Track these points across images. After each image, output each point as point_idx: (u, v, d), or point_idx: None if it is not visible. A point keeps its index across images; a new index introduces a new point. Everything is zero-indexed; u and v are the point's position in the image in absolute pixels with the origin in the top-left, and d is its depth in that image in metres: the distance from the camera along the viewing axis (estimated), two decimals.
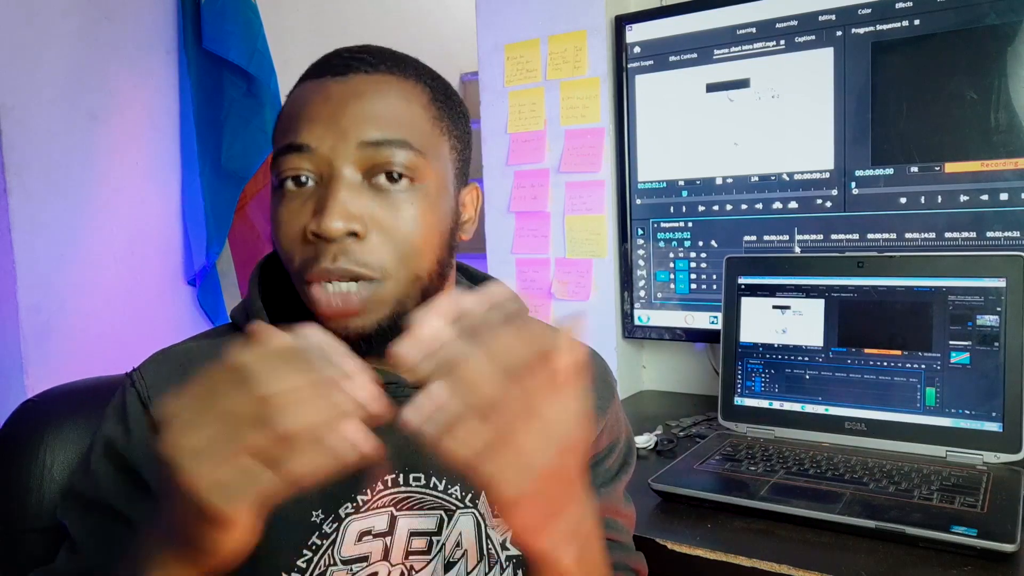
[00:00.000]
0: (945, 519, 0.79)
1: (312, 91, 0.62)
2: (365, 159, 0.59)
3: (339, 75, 0.62)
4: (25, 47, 1.58)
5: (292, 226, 0.60)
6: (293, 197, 0.61)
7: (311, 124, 0.60)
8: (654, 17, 1.38)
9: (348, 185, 0.59)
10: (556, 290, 1.50)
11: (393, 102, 0.62)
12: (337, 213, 0.57)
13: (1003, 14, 1.09)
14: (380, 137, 0.59)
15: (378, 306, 0.60)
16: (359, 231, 0.58)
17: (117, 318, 1.75)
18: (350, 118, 0.59)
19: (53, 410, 0.80)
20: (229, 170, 1.88)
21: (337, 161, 0.59)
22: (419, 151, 0.61)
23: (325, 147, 0.59)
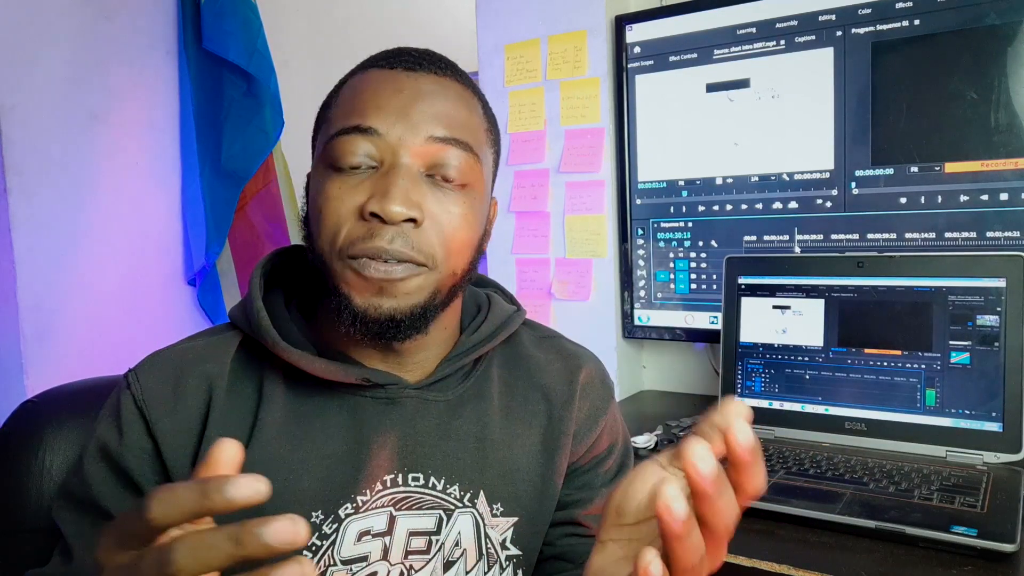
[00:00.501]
0: (945, 519, 0.79)
1: (382, 79, 0.63)
2: (428, 154, 0.61)
3: (410, 70, 0.63)
4: (25, 47, 1.58)
5: (345, 203, 0.60)
6: (347, 176, 0.61)
7: (381, 110, 0.61)
8: (654, 17, 1.38)
9: (411, 175, 0.60)
10: (556, 290, 1.50)
11: (459, 105, 0.64)
12: (402, 198, 0.58)
13: (1003, 14, 1.09)
14: (447, 135, 0.61)
15: (416, 291, 0.61)
16: (418, 218, 0.59)
17: (117, 318, 1.75)
18: (421, 111, 0.61)
19: (53, 411, 0.80)
20: (229, 170, 1.88)
21: (403, 150, 0.60)
22: (475, 155, 0.63)
23: (394, 135, 0.60)
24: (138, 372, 0.65)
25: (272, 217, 2.01)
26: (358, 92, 0.63)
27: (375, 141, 0.60)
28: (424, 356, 0.67)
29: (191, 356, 0.65)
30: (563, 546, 0.72)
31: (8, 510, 0.77)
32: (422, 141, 0.60)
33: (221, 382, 0.64)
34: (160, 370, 0.65)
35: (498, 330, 0.71)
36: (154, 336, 0.66)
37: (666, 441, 1.15)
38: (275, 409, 0.63)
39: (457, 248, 0.63)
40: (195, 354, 0.66)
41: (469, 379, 0.70)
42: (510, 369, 0.73)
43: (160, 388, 0.63)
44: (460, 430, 0.67)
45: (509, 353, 0.74)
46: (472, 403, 0.69)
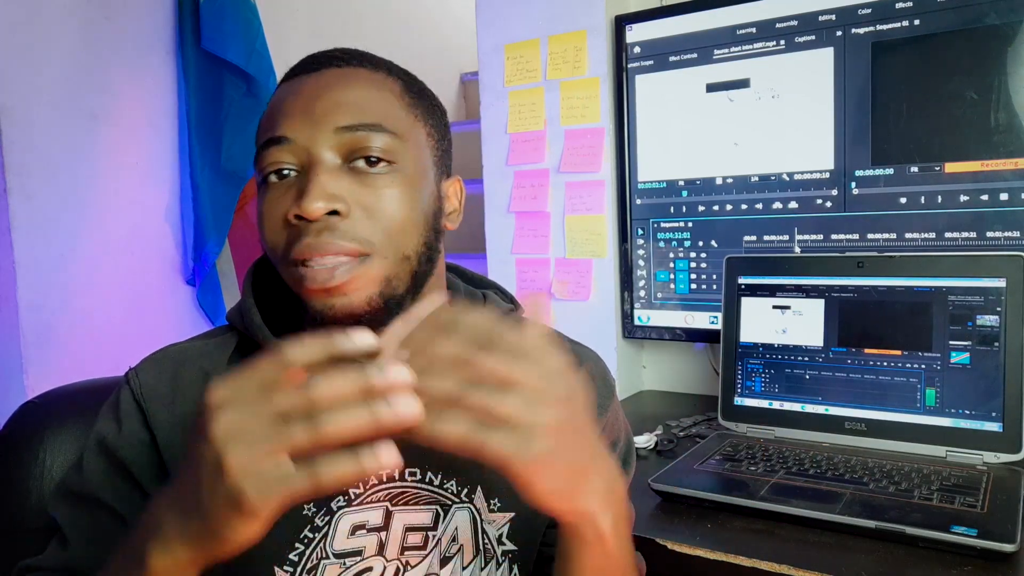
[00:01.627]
0: (945, 519, 0.79)
1: (287, 89, 0.65)
2: (342, 144, 0.61)
3: (312, 71, 0.65)
4: (25, 47, 1.58)
5: (275, 213, 0.61)
6: (275, 188, 0.62)
7: (288, 117, 0.62)
8: (654, 17, 1.38)
9: (327, 169, 0.60)
10: (556, 290, 1.50)
11: (365, 90, 0.64)
12: (317, 194, 0.58)
13: (1003, 14, 1.09)
14: (354, 122, 0.61)
15: (366, 283, 0.60)
16: (341, 209, 0.59)
17: (117, 318, 1.75)
18: (324, 107, 0.61)
19: (53, 411, 0.81)
20: (229, 170, 1.88)
21: (315, 148, 0.60)
22: (394, 133, 0.63)
23: (303, 137, 0.61)
24: (138, 369, 0.67)
25: None
26: (270, 108, 0.65)
27: (289, 148, 0.61)
28: None
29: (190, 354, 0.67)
30: None
31: (9, 510, 0.77)
32: (331, 134, 0.61)
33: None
34: (159, 366, 0.66)
35: None
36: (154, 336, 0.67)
37: (666, 441, 1.16)
38: None
39: (398, 229, 0.62)
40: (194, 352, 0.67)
41: None
42: None
43: (158, 383, 0.65)
44: None
45: None
46: None
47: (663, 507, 0.93)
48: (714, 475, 0.97)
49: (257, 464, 0.41)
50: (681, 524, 0.88)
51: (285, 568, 0.62)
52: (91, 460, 0.64)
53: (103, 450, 0.64)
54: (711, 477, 0.96)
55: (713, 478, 0.96)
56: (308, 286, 0.60)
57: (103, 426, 0.65)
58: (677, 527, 0.87)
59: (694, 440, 1.15)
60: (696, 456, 1.03)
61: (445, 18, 2.75)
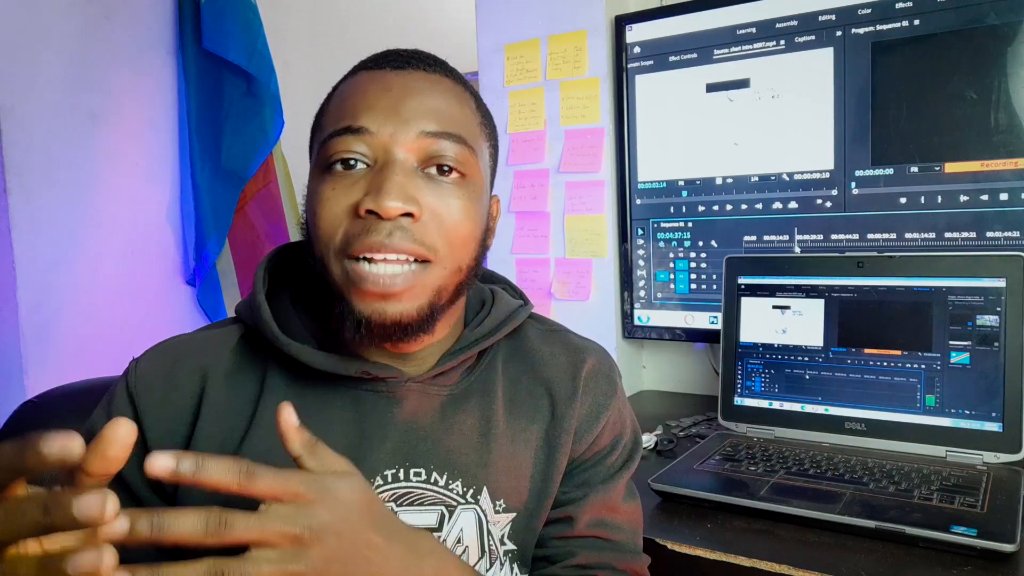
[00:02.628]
0: (945, 519, 0.79)
1: (371, 80, 0.63)
2: (422, 148, 0.61)
3: (399, 68, 0.64)
4: (25, 47, 1.58)
5: (340, 203, 0.60)
6: (342, 177, 0.61)
7: (371, 110, 0.61)
8: (654, 17, 1.38)
9: (405, 170, 0.60)
10: (556, 290, 1.50)
11: (450, 99, 0.64)
12: (397, 192, 0.58)
13: (1003, 14, 1.09)
14: (438, 129, 0.61)
15: (421, 292, 0.60)
16: (415, 212, 0.59)
17: (117, 318, 1.75)
18: (411, 108, 0.61)
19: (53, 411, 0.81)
20: (229, 170, 1.88)
21: (395, 147, 0.60)
22: (470, 147, 0.63)
23: (385, 132, 0.60)
24: (139, 360, 0.67)
25: (272, 217, 2.01)
26: (348, 95, 0.63)
27: (367, 140, 0.60)
28: (428, 351, 0.67)
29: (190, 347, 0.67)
30: (552, 547, 0.71)
31: None
32: (414, 136, 0.60)
33: (217, 374, 0.65)
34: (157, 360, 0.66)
35: (502, 324, 0.71)
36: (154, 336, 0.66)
37: (666, 441, 1.16)
38: (276, 402, 0.63)
39: (460, 241, 0.62)
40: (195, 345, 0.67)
41: (473, 373, 0.70)
42: (515, 363, 0.73)
43: (154, 376, 0.65)
44: (463, 425, 0.67)
45: (515, 347, 0.74)
46: (476, 398, 0.69)
47: (663, 507, 0.93)
48: (714, 475, 0.97)
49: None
50: (681, 524, 0.88)
51: None
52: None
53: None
54: (711, 477, 0.96)
55: (713, 478, 0.96)
56: (365, 287, 0.59)
57: (95, 417, 0.65)
58: (677, 527, 0.87)
59: (694, 440, 1.15)
60: (696, 456, 1.03)
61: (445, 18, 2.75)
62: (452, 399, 0.68)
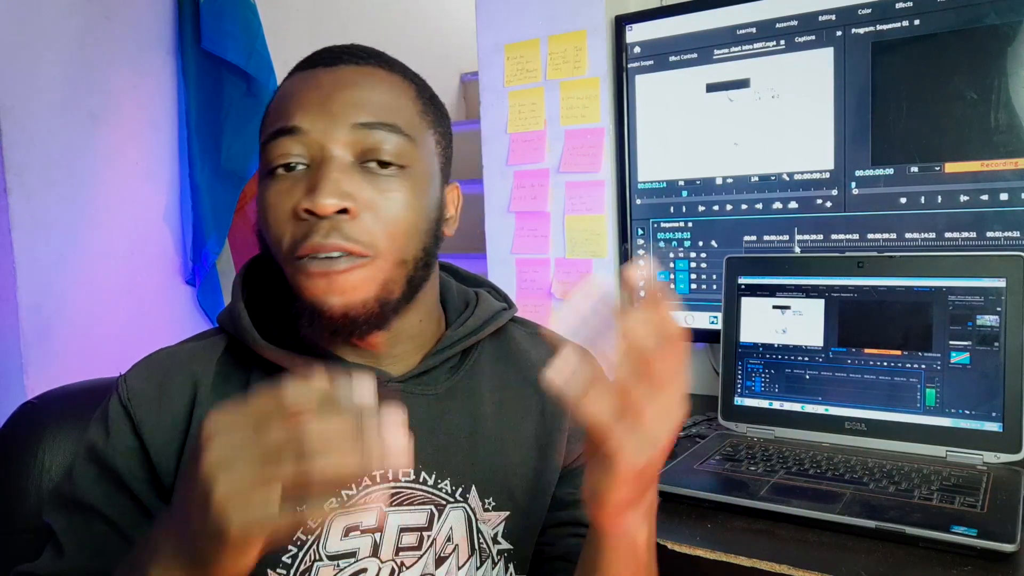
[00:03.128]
0: (945, 519, 0.79)
1: (302, 80, 0.64)
2: (357, 142, 0.61)
3: (329, 66, 0.64)
4: (25, 47, 1.57)
5: (282, 206, 0.61)
6: (283, 180, 0.61)
7: (302, 109, 0.61)
8: (654, 17, 1.38)
9: (340, 166, 0.60)
10: (556, 290, 1.50)
11: (383, 91, 0.63)
12: (330, 190, 0.58)
13: (1003, 14, 1.09)
14: (372, 120, 0.61)
15: (363, 285, 0.60)
16: (351, 208, 0.59)
17: (117, 318, 1.75)
18: (342, 102, 0.61)
19: (52, 412, 0.81)
20: (229, 170, 1.88)
21: (329, 143, 0.60)
22: (408, 136, 0.63)
23: (317, 130, 0.60)
24: (127, 376, 0.67)
25: None
26: (280, 97, 0.64)
27: (301, 139, 0.60)
28: (402, 349, 0.67)
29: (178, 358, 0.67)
30: (566, 546, 0.71)
31: (8, 510, 0.77)
32: (347, 130, 0.60)
33: (207, 382, 0.65)
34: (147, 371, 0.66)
35: (484, 324, 0.71)
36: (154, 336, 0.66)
37: None
38: None
39: (402, 234, 0.62)
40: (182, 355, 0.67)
41: (458, 373, 0.70)
42: (502, 364, 0.73)
43: (146, 388, 0.65)
44: (450, 424, 0.67)
45: (501, 348, 0.74)
46: (462, 398, 0.69)
47: (663, 507, 0.93)
48: (714, 475, 0.97)
49: (243, 496, 0.41)
50: (681, 524, 0.88)
51: (278, 571, 0.62)
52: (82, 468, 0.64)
53: (94, 458, 0.64)
54: (711, 477, 0.96)
55: (713, 478, 0.96)
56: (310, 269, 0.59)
57: (93, 434, 0.65)
58: (677, 527, 0.87)
59: (694, 440, 1.15)
60: (696, 456, 1.03)
61: (445, 18, 2.75)
62: (437, 399, 0.68)
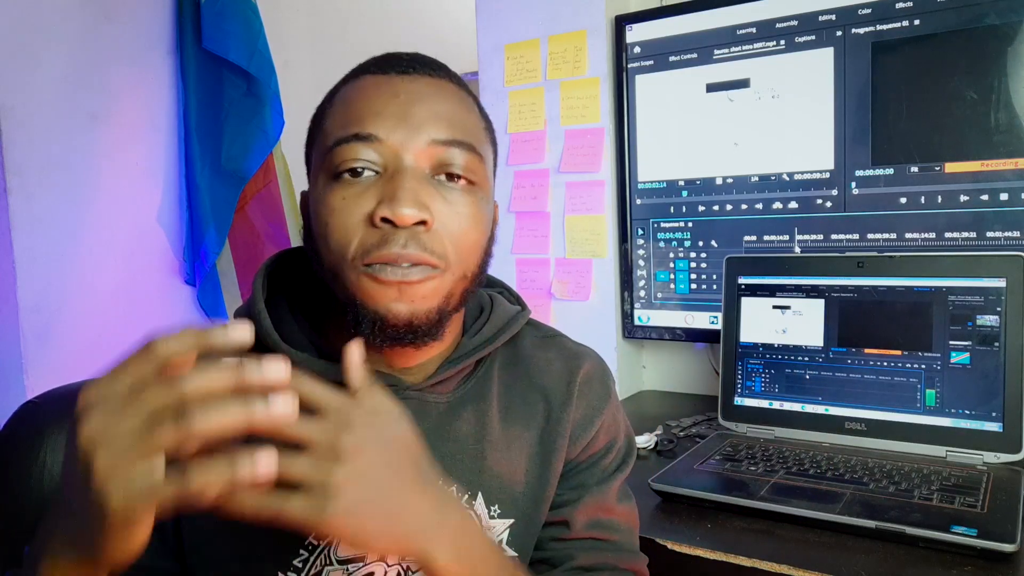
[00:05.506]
0: (945, 519, 0.79)
1: (376, 85, 0.62)
2: (432, 156, 0.60)
3: (404, 73, 0.63)
4: (25, 47, 1.57)
5: (353, 212, 0.59)
6: (351, 185, 0.60)
7: (379, 116, 0.60)
8: (654, 17, 1.38)
9: (418, 178, 0.60)
10: (556, 290, 1.50)
11: (457, 106, 0.63)
12: (411, 200, 0.58)
13: (1003, 14, 1.09)
14: (449, 137, 0.61)
15: (432, 296, 0.60)
16: (428, 220, 0.59)
17: (117, 318, 1.75)
18: (420, 115, 0.60)
19: (53, 411, 0.80)
20: (229, 170, 1.87)
21: (407, 154, 0.60)
22: (479, 154, 0.63)
23: (395, 139, 0.60)
24: None
25: (272, 217, 2.00)
26: (353, 100, 0.62)
27: (377, 147, 0.59)
28: (428, 359, 0.67)
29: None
30: (551, 550, 0.71)
31: (9, 510, 0.77)
32: (424, 144, 0.60)
33: None
34: None
35: (500, 332, 0.71)
36: None
37: (666, 441, 1.16)
38: None
39: (468, 248, 0.62)
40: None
41: (470, 380, 0.70)
42: (511, 369, 0.73)
43: None
44: (459, 431, 0.67)
45: (511, 354, 0.74)
46: (472, 404, 0.69)
47: (663, 507, 0.93)
48: (714, 475, 0.97)
49: (123, 469, 0.40)
50: (681, 524, 0.88)
51: (289, 574, 0.62)
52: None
53: None
54: (711, 477, 0.96)
55: (713, 478, 0.96)
56: (383, 278, 0.58)
57: None
58: (677, 527, 0.87)
59: (694, 440, 1.15)
60: (696, 456, 1.03)
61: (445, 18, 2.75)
62: (449, 406, 0.68)
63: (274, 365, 0.42)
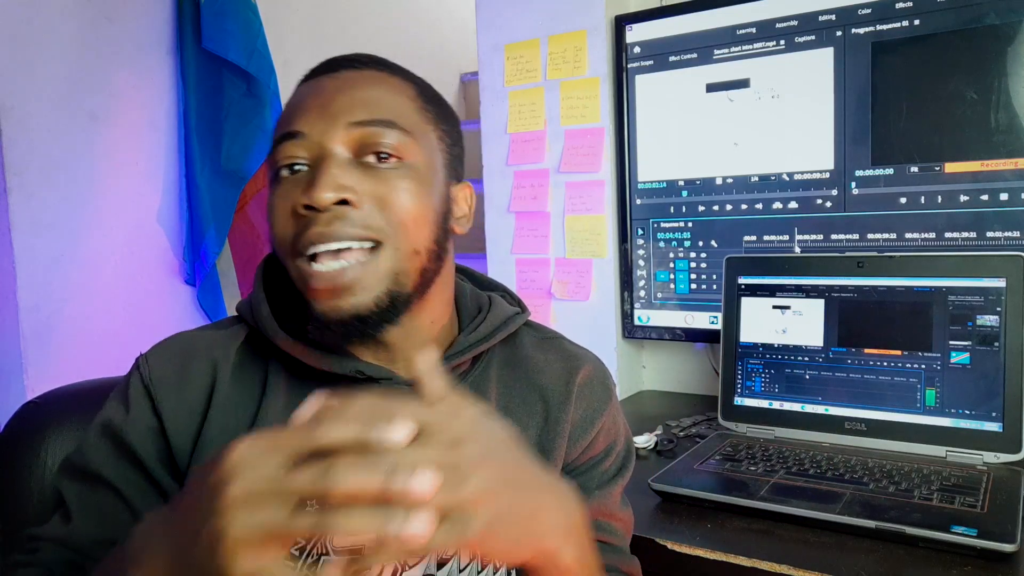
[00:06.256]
0: (945, 519, 0.79)
1: (305, 89, 0.66)
2: (354, 139, 0.62)
3: (331, 72, 0.66)
4: (25, 47, 1.57)
5: (285, 205, 0.62)
6: (287, 182, 0.63)
7: (304, 114, 0.63)
8: (654, 17, 1.38)
9: (338, 162, 0.61)
10: (556, 290, 1.50)
11: (380, 90, 0.65)
12: (327, 184, 0.59)
13: (1003, 14, 1.09)
14: (367, 117, 0.62)
15: (374, 281, 0.60)
16: (351, 199, 0.60)
17: (117, 318, 1.75)
18: (339, 104, 0.62)
19: (54, 411, 0.81)
20: (229, 170, 1.87)
21: (327, 142, 0.61)
22: (405, 131, 0.63)
23: (316, 132, 0.62)
24: (148, 355, 0.68)
25: None
26: (287, 107, 0.66)
27: (302, 143, 0.62)
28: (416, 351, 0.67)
29: (200, 343, 0.68)
30: None
31: (10, 509, 0.77)
32: (343, 128, 0.61)
33: (225, 369, 0.66)
34: (168, 353, 0.67)
35: (497, 330, 0.71)
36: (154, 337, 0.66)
37: (666, 441, 1.16)
38: (277, 400, 0.65)
39: (411, 221, 0.62)
40: (204, 341, 0.68)
41: (467, 378, 0.70)
42: (509, 369, 0.73)
43: (167, 369, 0.66)
44: None
45: (509, 354, 0.74)
46: None
47: (663, 507, 0.94)
48: (714, 475, 0.97)
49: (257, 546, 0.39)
50: (681, 524, 0.88)
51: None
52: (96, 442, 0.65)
53: (109, 434, 0.64)
54: (711, 477, 0.96)
55: (713, 478, 0.96)
56: (314, 285, 0.60)
57: (111, 409, 0.66)
58: (677, 527, 0.87)
59: (694, 440, 1.15)
60: (696, 456, 1.03)
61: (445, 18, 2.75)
62: None
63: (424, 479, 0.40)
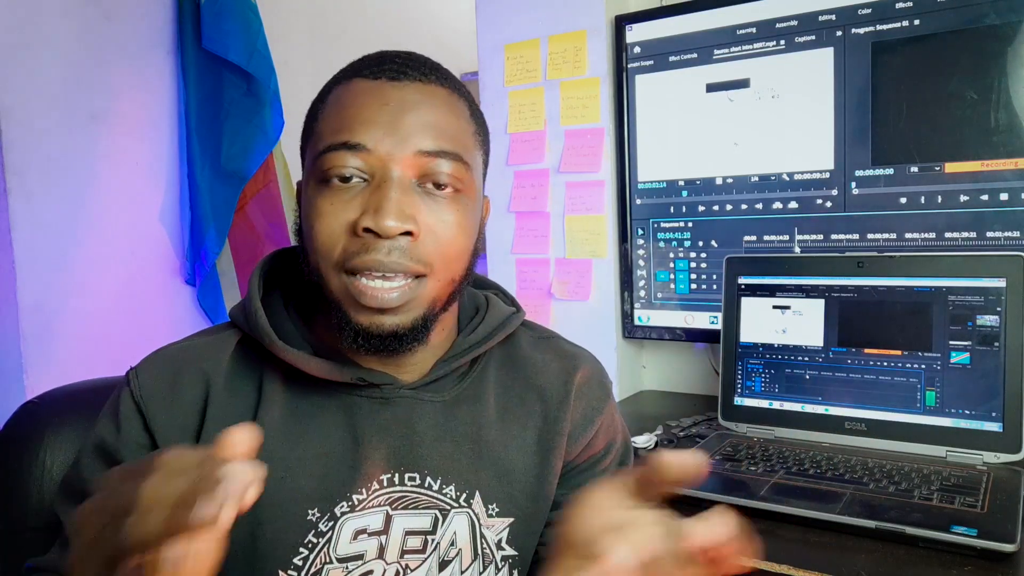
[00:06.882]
0: (945, 519, 0.79)
1: (367, 92, 0.63)
2: (419, 166, 0.61)
3: (394, 79, 0.63)
4: (25, 47, 1.57)
5: (338, 218, 0.60)
6: (339, 191, 0.61)
7: (368, 125, 0.61)
8: (654, 17, 1.38)
9: (403, 187, 0.61)
10: (556, 290, 1.50)
11: (446, 114, 0.64)
12: (395, 212, 0.59)
13: (1003, 14, 1.09)
14: (436, 148, 0.62)
15: (416, 305, 0.62)
16: (414, 231, 0.60)
17: (117, 318, 1.75)
18: (408, 124, 0.61)
19: (53, 411, 0.81)
20: (229, 170, 1.88)
21: (393, 164, 0.60)
22: (465, 163, 0.64)
23: (383, 149, 0.60)
24: (138, 370, 0.67)
25: (272, 217, 2.01)
26: (344, 106, 0.63)
27: (364, 156, 0.60)
28: (420, 357, 0.68)
29: (189, 354, 0.67)
30: None
31: (10, 509, 0.77)
32: (411, 154, 0.61)
33: (218, 379, 0.65)
34: (158, 367, 0.66)
35: (495, 331, 0.71)
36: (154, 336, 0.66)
37: (666, 441, 1.16)
38: (274, 408, 0.65)
39: (454, 255, 0.63)
40: (193, 352, 0.67)
41: (466, 380, 0.70)
42: (507, 370, 0.73)
43: (158, 384, 0.65)
44: (456, 431, 0.68)
45: (506, 354, 0.74)
46: (468, 404, 0.69)
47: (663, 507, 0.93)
48: (714, 475, 0.97)
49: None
50: None
51: (289, 572, 0.62)
52: (90, 462, 0.64)
53: (102, 454, 0.64)
54: (711, 477, 0.96)
55: (713, 478, 0.96)
56: (364, 302, 0.60)
57: (103, 429, 0.65)
58: None
59: (694, 440, 1.15)
60: None
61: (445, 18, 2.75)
62: (445, 405, 0.68)
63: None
